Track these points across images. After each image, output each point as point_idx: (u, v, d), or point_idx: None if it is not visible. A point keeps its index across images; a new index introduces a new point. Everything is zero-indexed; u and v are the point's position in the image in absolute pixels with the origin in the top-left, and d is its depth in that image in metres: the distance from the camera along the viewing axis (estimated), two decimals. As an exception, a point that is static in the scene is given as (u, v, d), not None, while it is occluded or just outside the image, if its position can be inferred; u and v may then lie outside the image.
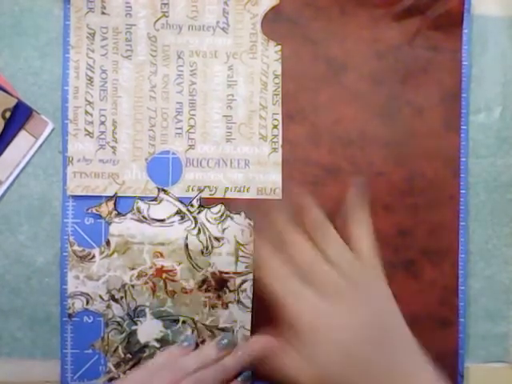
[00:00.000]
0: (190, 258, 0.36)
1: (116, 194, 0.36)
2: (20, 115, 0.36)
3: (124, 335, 0.36)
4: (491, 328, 0.37)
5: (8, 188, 0.36)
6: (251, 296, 0.36)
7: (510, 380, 0.37)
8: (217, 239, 0.36)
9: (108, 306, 0.36)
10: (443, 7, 0.36)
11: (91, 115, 0.36)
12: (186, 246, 0.36)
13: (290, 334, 0.31)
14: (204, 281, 0.36)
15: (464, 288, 0.37)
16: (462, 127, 0.37)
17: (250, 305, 0.36)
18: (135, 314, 0.36)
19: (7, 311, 0.36)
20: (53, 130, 0.36)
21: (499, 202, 0.37)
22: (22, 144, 0.36)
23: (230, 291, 0.36)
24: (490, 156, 0.37)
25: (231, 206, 0.36)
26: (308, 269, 0.32)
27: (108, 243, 0.36)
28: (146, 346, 0.36)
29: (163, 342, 0.36)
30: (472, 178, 0.37)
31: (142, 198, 0.36)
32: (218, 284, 0.36)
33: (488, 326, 0.37)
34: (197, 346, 0.35)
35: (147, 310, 0.36)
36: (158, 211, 0.36)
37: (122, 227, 0.36)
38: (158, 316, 0.36)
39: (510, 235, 0.37)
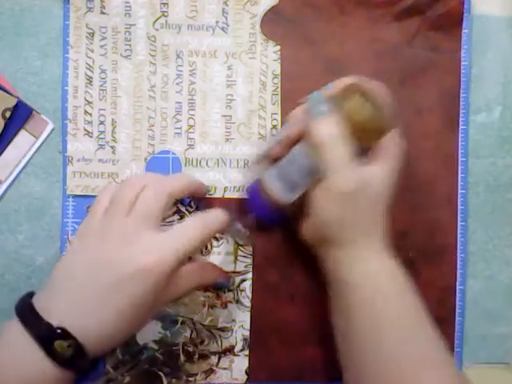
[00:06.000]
0: (189, 258, 0.36)
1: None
2: (20, 115, 0.36)
3: (123, 336, 0.36)
4: (491, 328, 0.37)
5: (8, 188, 0.36)
6: (250, 295, 0.36)
7: (510, 380, 0.37)
8: (216, 239, 0.36)
9: (107, 306, 0.36)
10: (443, 7, 0.36)
11: (90, 115, 0.36)
12: (185, 245, 0.36)
13: None
14: (203, 280, 0.36)
15: (463, 288, 0.37)
16: (462, 127, 0.37)
17: (249, 304, 0.36)
18: (134, 315, 0.36)
19: (7, 311, 0.36)
20: (53, 129, 0.36)
21: (499, 202, 0.37)
22: (22, 144, 0.36)
23: (229, 291, 0.36)
24: (490, 156, 0.37)
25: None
26: None
27: (107, 242, 0.36)
28: (144, 347, 0.36)
29: (161, 343, 0.36)
30: (472, 177, 0.37)
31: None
32: (218, 283, 0.36)
33: (488, 327, 0.37)
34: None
35: (146, 310, 0.36)
36: (157, 211, 0.36)
37: (121, 226, 0.36)
38: (157, 317, 0.36)
39: (510, 235, 0.37)
